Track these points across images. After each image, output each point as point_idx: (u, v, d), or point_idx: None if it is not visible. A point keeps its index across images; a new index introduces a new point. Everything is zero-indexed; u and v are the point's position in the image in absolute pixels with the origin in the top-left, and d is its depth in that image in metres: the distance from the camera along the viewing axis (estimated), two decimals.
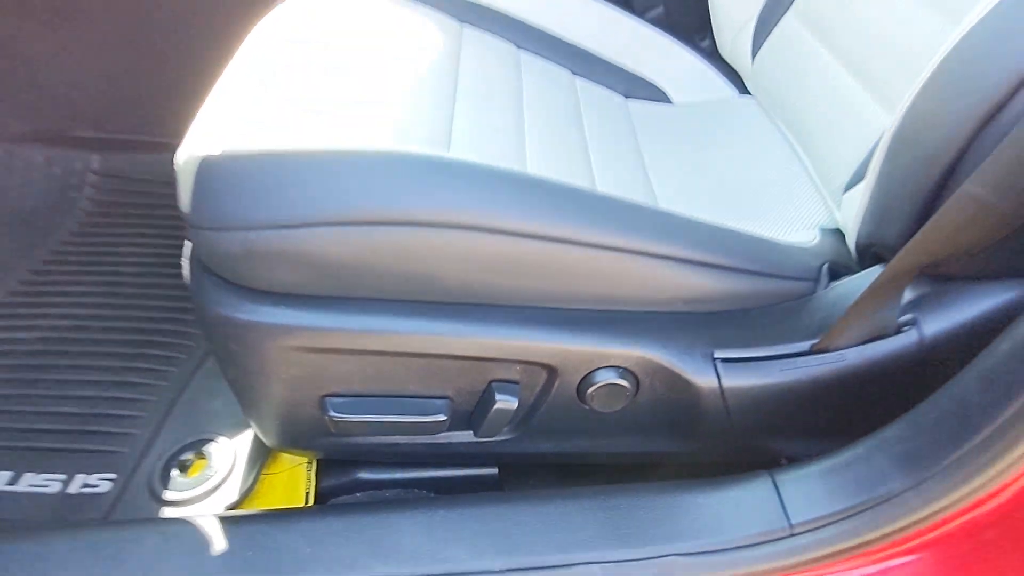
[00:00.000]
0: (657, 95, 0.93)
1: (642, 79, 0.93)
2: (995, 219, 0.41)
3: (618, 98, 0.89)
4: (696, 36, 0.96)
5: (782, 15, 0.81)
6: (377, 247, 0.46)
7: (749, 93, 0.90)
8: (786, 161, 0.77)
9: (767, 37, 0.84)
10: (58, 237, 0.88)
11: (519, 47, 0.86)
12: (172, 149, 0.49)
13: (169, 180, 0.49)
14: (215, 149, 0.47)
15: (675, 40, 0.93)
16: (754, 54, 0.86)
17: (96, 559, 0.48)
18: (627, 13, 0.92)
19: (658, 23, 0.94)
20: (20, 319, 0.77)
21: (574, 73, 0.88)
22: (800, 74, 0.78)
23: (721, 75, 0.93)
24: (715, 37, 0.94)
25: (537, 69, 0.84)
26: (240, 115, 0.52)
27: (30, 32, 0.87)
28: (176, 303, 0.80)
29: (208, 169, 0.46)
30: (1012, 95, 0.42)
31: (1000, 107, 0.43)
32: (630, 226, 0.52)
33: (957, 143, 0.44)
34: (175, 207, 0.49)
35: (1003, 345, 0.40)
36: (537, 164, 0.62)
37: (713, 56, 0.94)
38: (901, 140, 0.49)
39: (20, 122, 0.92)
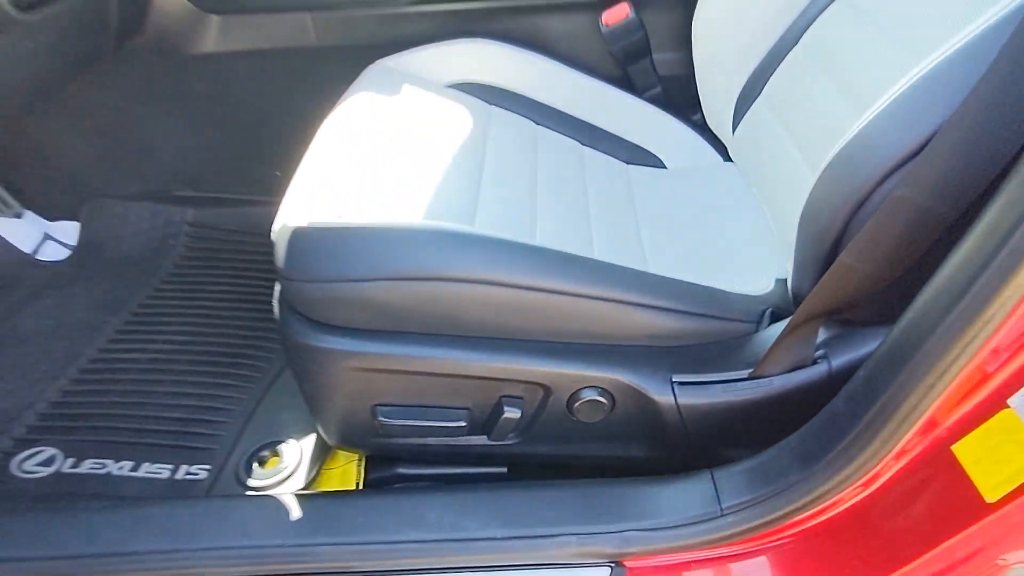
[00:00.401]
0: (654, 161, 1.09)
1: (641, 148, 1.10)
2: (861, 280, 0.56)
3: (620, 165, 1.06)
4: (688, 111, 1.13)
5: (755, 99, 0.97)
6: (418, 296, 0.63)
7: (731, 160, 1.06)
8: (757, 221, 0.92)
9: (744, 116, 1.00)
10: (160, 276, 1.09)
11: (537, 123, 1.04)
12: (251, 204, 0.67)
13: (248, 230, 0.66)
14: (303, 222, 0.65)
15: (670, 115, 1.10)
16: (734, 128, 1.02)
17: (207, 520, 0.65)
18: (629, 94, 1.09)
19: (656, 101, 1.11)
20: (135, 343, 0.97)
21: (583, 144, 1.06)
22: (766, 148, 0.93)
23: (709, 144, 1.09)
24: (704, 112, 1.10)
25: (552, 143, 1.02)
26: (320, 194, 0.70)
27: (151, 113, 1.10)
28: (255, 332, 0.99)
29: (298, 237, 0.65)
30: (878, 185, 0.58)
31: (870, 193, 0.58)
32: (609, 281, 0.68)
33: (841, 220, 0.60)
34: (253, 252, 0.67)
35: (861, 372, 0.55)
36: (544, 230, 0.79)
37: (703, 128, 1.11)
38: (807, 215, 0.65)
39: (135, 183, 1.14)
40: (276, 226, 0.67)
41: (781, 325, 0.70)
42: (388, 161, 0.80)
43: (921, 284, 0.51)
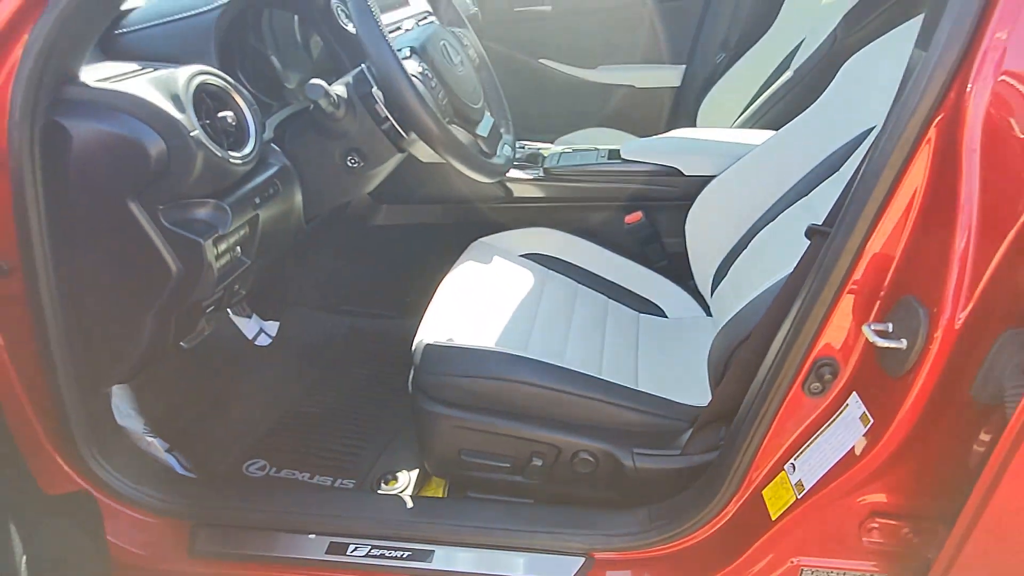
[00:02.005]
0: (659, 312, 1.60)
1: (650, 301, 1.61)
2: (729, 400, 1.04)
3: (633, 313, 1.57)
4: (686, 278, 1.64)
5: (722, 279, 1.48)
6: (496, 388, 1.15)
7: (711, 315, 1.55)
8: None
9: (716, 288, 1.50)
10: (329, 360, 1.68)
11: (579, 283, 1.58)
12: (391, 319, 1.22)
13: (387, 336, 1.19)
14: (431, 340, 1.20)
15: (671, 281, 1.61)
16: (711, 294, 1.53)
17: (359, 504, 1.17)
18: (643, 266, 1.62)
19: (664, 270, 1.63)
20: (312, 404, 1.54)
21: (608, 298, 1.58)
22: (724, 310, 1.43)
23: (697, 303, 1.59)
24: (695, 280, 1.61)
25: (587, 297, 1.55)
26: (443, 323, 1.26)
27: (337, 259, 1.75)
28: (388, 399, 1.55)
29: (429, 348, 1.19)
30: (738, 346, 1.07)
31: (733, 351, 1.07)
32: (605, 391, 1.18)
33: (721, 365, 1.08)
34: (390, 351, 1.21)
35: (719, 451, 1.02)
36: (571, 356, 1.31)
37: (695, 291, 1.61)
38: (709, 359, 1.14)
39: (318, 299, 1.78)
40: (416, 339, 1.22)
41: None
42: (482, 306, 1.35)
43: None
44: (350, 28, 1.29)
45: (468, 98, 1.19)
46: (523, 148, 1.74)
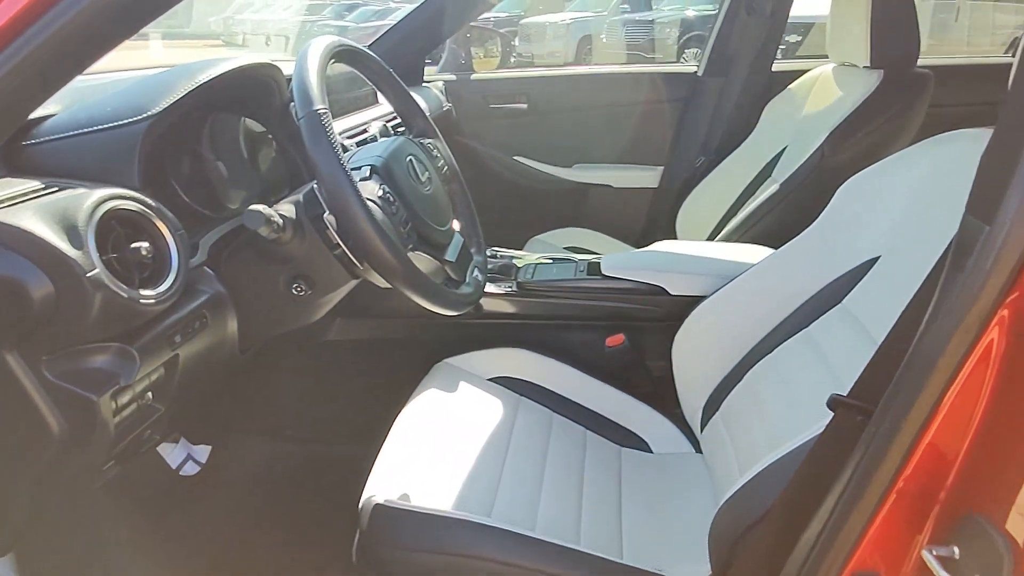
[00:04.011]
0: (643, 446, 1.44)
1: (634, 433, 1.45)
2: None
3: (615, 449, 1.40)
4: (672, 405, 1.48)
5: (714, 413, 1.33)
6: (457, 566, 0.96)
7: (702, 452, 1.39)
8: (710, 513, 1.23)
9: (707, 422, 1.35)
10: (265, 493, 1.46)
11: (554, 412, 1.42)
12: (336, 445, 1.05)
13: (331, 464, 1.03)
14: (382, 499, 1.01)
15: (656, 410, 1.45)
16: (701, 429, 1.37)
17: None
18: (626, 394, 1.47)
19: (645, 398, 1.48)
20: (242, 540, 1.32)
21: (587, 429, 1.42)
22: (719, 457, 1.27)
23: (685, 437, 1.43)
24: (682, 409, 1.46)
25: (563, 430, 1.38)
26: (394, 476, 1.07)
27: (278, 373, 1.55)
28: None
29: (378, 510, 1.00)
30: (756, 524, 0.90)
31: (748, 530, 0.90)
32: (579, 567, 0.99)
33: (728, 547, 0.91)
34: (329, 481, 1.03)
35: None
36: (545, 517, 1.12)
37: (681, 420, 1.46)
38: (711, 534, 0.96)
39: (256, 423, 1.57)
40: (364, 495, 1.03)
41: None
42: (445, 448, 1.17)
43: None
44: None
45: (435, 220, 1.06)
46: (495, 257, 1.61)
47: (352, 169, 0.92)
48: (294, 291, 1.00)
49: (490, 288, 1.48)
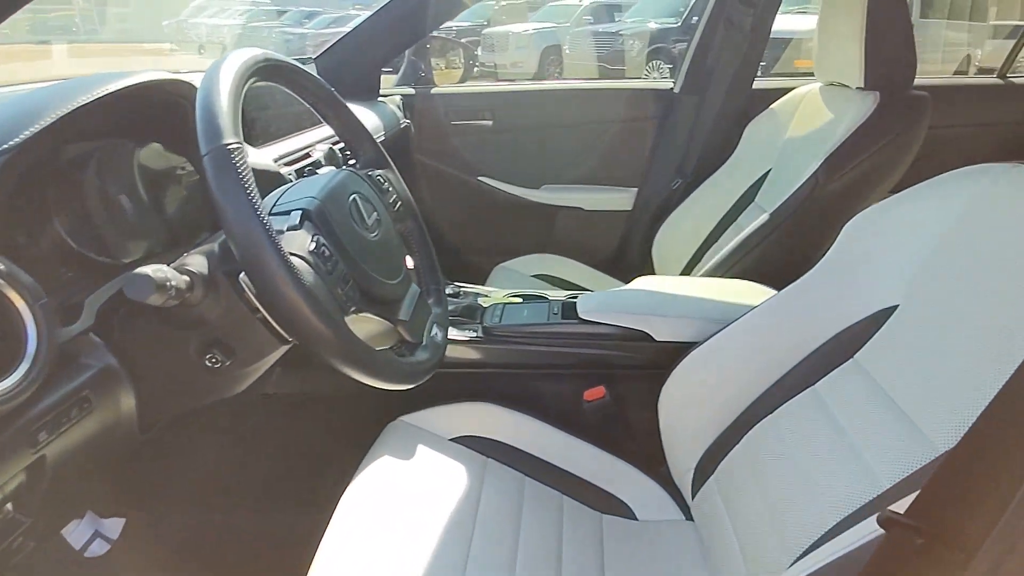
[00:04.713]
0: (627, 512, 1.27)
1: (616, 497, 1.28)
2: None
3: (596, 516, 1.23)
4: (656, 465, 1.32)
5: (708, 477, 1.17)
6: None
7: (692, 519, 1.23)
8: None
9: (700, 487, 1.19)
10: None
11: (526, 476, 1.24)
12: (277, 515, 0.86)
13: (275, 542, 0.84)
14: None
15: (641, 471, 1.29)
16: (693, 495, 1.21)
17: None
18: (605, 451, 1.30)
19: (628, 456, 1.32)
20: None
21: (564, 495, 1.24)
22: (714, 528, 1.11)
23: (673, 501, 1.27)
24: (670, 470, 1.30)
25: (537, 496, 1.21)
26: (346, 552, 0.88)
27: (203, 437, 1.34)
28: None
29: None
30: None
31: None
32: None
33: None
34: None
35: None
36: None
37: (668, 480, 1.30)
38: None
39: (184, 487, 1.35)
40: None
41: None
42: (402, 522, 0.99)
43: None
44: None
45: (384, 272, 0.87)
46: (456, 296, 1.43)
47: (277, 215, 0.73)
48: (208, 362, 0.80)
49: (453, 333, 1.30)
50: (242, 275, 0.71)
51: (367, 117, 1.69)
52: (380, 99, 1.92)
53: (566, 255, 2.14)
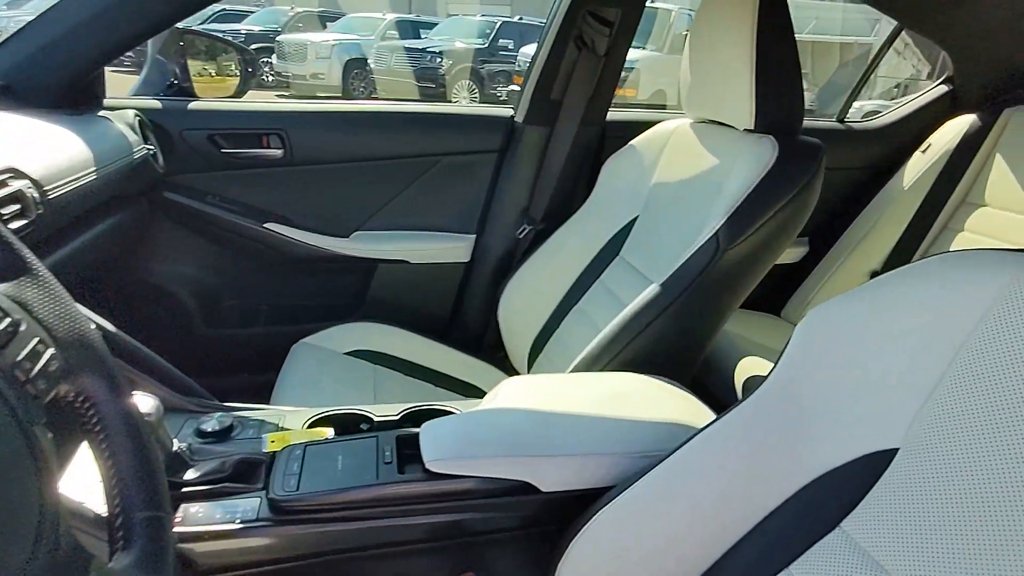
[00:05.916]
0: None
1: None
2: None
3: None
4: None
5: None
6: None
7: None
8: None
9: None
10: None
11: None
12: None
13: None
14: None
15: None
16: None
17: None
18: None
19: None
20: None
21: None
22: None
23: None
24: None
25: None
26: None
27: None
28: None
29: None
30: None
31: None
32: None
33: None
34: None
35: None
36: None
37: None
38: None
39: None
40: None
41: None
42: None
43: None
44: None
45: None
46: (211, 436, 0.90)
47: None
48: None
49: (217, 517, 0.77)
50: None
51: (68, 141, 1.08)
52: (103, 112, 1.30)
53: (388, 322, 1.65)
